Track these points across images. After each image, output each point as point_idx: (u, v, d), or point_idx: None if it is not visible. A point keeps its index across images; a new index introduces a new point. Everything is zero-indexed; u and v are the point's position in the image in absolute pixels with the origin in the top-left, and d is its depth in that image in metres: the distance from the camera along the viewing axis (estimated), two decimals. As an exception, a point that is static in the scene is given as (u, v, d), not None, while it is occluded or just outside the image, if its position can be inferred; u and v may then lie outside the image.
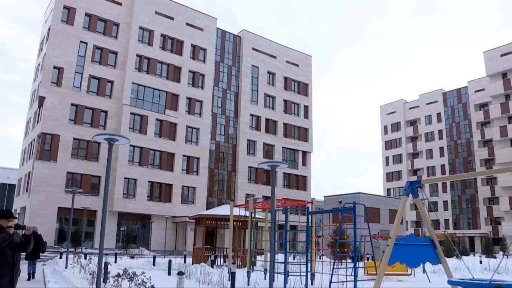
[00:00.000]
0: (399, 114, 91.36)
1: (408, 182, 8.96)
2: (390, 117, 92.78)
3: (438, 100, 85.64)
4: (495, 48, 72.95)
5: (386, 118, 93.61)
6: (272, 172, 9.62)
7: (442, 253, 8.84)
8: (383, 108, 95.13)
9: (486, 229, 73.11)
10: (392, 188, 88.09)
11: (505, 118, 70.96)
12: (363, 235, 18.43)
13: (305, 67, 67.69)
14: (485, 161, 76.56)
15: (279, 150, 61.48)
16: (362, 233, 18.78)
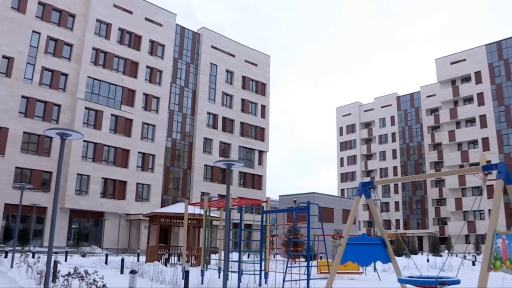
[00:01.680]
0: (355, 116, 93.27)
1: (361, 183, 9.15)
2: (346, 119, 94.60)
3: (392, 104, 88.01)
4: (446, 56, 75.74)
5: (342, 120, 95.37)
6: (228, 170, 9.61)
7: (392, 252, 9.09)
8: (339, 109, 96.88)
9: (433, 229, 75.78)
10: (346, 189, 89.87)
11: (454, 123, 73.83)
12: (317, 234, 18.71)
13: (263, 66, 68.00)
14: (434, 164, 79.32)
15: (235, 149, 61.51)
16: (316, 233, 19.06)
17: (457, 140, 72.36)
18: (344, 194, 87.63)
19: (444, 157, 74.14)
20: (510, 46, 69.07)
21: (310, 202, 12.58)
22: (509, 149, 66.78)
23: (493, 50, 70.63)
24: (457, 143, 72.88)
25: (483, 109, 70.00)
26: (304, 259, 22.22)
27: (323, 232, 12.80)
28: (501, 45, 70.07)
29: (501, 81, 69.07)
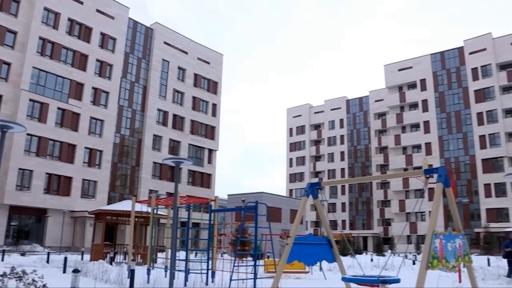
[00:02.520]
0: (305, 117, 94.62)
1: (309, 184, 9.31)
2: (296, 120, 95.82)
3: (341, 107, 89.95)
4: (394, 63, 78.38)
5: (292, 121, 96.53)
6: (176, 168, 9.54)
7: (337, 252, 9.31)
8: (289, 110, 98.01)
9: (378, 229, 78.10)
10: (295, 189, 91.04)
11: (399, 127, 76.49)
12: (264, 233, 18.87)
13: (216, 65, 67.82)
14: (380, 166, 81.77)
15: (185, 146, 61.01)
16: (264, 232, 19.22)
17: (402, 144, 75.02)
18: (293, 194, 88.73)
19: (389, 160, 76.60)
20: (452, 57, 72.37)
21: (258, 202, 12.67)
22: (449, 154, 69.85)
23: (437, 60, 73.78)
24: (402, 147, 75.55)
25: (427, 115, 72.92)
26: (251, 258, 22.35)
27: (270, 231, 12.92)
28: (444, 56, 73.30)
29: (444, 89, 72.25)
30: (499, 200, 63.93)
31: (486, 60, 68.31)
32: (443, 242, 6.97)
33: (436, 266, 6.70)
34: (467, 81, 69.96)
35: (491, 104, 67.02)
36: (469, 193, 66.27)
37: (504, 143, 65.04)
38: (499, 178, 62.14)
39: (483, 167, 66.17)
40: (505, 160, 64.80)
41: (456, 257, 7.26)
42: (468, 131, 68.88)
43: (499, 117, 65.99)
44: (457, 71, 71.64)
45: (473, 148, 67.88)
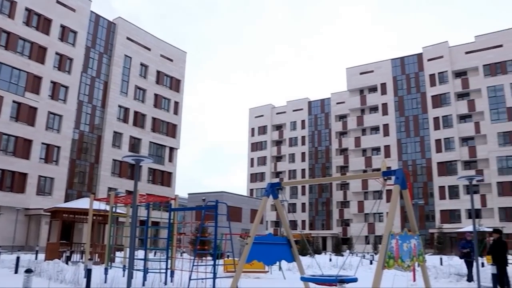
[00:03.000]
0: (267, 118, 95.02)
1: (269, 184, 9.36)
2: (258, 120, 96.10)
3: (303, 108, 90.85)
4: (356, 66, 79.83)
5: (254, 121, 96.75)
6: (136, 166, 9.41)
7: (296, 251, 9.39)
8: (252, 110, 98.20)
9: (337, 230, 79.33)
10: (255, 189, 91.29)
11: (360, 130, 77.98)
12: (224, 233, 18.82)
13: (179, 63, 67.25)
14: (340, 168, 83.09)
15: (146, 144, 60.22)
16: (224, 231, 19.18)
17: (362, 146, 76.51)
18: (253, 194, 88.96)
19: (349, 161, 77.96)
20: (411, 62, 74.46)
21: (218, 201, 12.63)
22: (406, 157, 71.72)
23: (397, 65, 75.70)
24: (362, 149, 77.03)
25: (386, 118, 74.63)
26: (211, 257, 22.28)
27: (230, 231, 12.92)
28: (404, 61, 75.31)
29: (403, 94, 74.16)
30: (452, 202, 66.18)
31: (443, 67, 70.67)
32: (399, 243, 7.15)
33: (392, 265, 6.86)
34: (425, 87, 72.10)
35: (447, 109, 69.33)
36: (425, 195, 68.24)
37: (458, 148, 67.42)
38: (452, 181, 64.29)
39: (438, 170, 68.34)
40: (458, 164, 67.16)
41: (411, 257, 7.46)
42: (425, 135, 70.95)
43: (454, 123, 68.35)
44: (416, 76, 73.69)
45: (429, 152, 69.97)
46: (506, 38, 66.54)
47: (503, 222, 59.35)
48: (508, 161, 63.80)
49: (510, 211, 61.74)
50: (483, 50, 68.18)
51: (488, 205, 63.26)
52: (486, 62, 67.57)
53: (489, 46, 67.74)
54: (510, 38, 66.27)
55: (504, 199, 62.30)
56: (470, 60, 69.14)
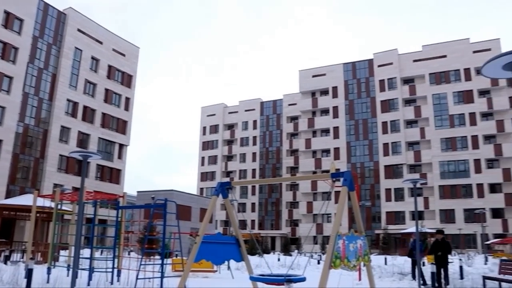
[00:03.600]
0: (219, 117, 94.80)
1: (219, 183, 9.34)
2: (210, 119, 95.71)
3: (256, 109, 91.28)
4: (309, 69, 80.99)
5: (206, 120, 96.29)
6: (84, 162, 9.16)
7: (245, 251, 9.42)
8: (204, 109, 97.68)
9: (286, 230, 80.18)
10: (206, 188, 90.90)
11: (310, 132, 79.15)
12: (173, 232, 18.64)
13: (131, 58, 65.95)
14: (290, 169, 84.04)
15: (94, 140, 58.68)
16: (172, 230, 19.00)
17: (312, 148, 77.69)
18: (203, 193, 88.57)
19: (299, 162, 78.98)
20: (362, 67, 76.42)
21: (168, 199, 12.51)
22: (355, 159, 73.48)
23: (349, 69, 77.48)
24: (312, 150, 78.22)
25: (336, 121, 76.18)
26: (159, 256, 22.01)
27: (179, 230, 12.81)
28: (355, 66, 77.16)
29: (353, 98, 75.97)
30: (397, 204, 68.42)
31: (392, 73, 73.05)
32: (346, 243, 7.31)
33: (338, 265, 7.01)
34: (375, 92, 74.18)
35: (395, 114, 71.66)
36: (372, 196, 70.19)
37: (404, 152, 69.82)
38: (398, 184, 66.47)
39: (385, 173, 70.48)
40: (404, 167, 69.52)
41: (357, 257, 7.64)
42: (373, 139, 72.95)
43: (401, 127, 70.74)
44: (366, 81, 75.66)
45: (377, 155, 71.99)
46: (450, 49, 69.80)
47: (443, 224, 61.90)
48: (449, 165, 66.67)
49: (450, 213, 64.58)
50: (429, 59, 71.14)
51: (431, 207, 65.88)
52: (432, 70, 70.61)
53: (435, 56, 70.81)
54: (453, 50, 69.53)
55: (445, 202, 65.09)
56: (417, 68, 71.92)
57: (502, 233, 60.20)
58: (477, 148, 65.92)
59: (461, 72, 69.15)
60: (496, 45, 67.14)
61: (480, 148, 65.78)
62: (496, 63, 5.39)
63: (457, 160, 66.45)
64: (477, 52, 67.60)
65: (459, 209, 64.20)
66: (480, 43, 68.59)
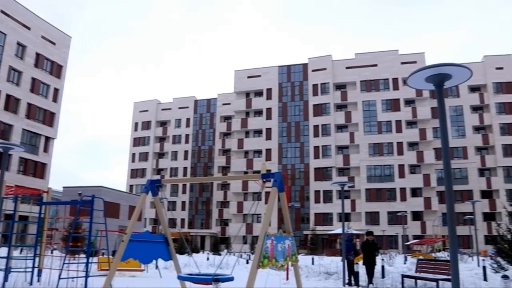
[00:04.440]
0: (152, 113, 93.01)
1: (149, 181, 9.20)
2: (143, 115, 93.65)
3: (189, 106, 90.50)
4: (244, 70, 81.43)
5: (139, 115, 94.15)
6: (4, 154, 8.70)
7: (173, 250, 9.32)
8: (136, 104, 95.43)
9: (216, 229, 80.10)
10: (135, 185, 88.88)
11: (243, 132, 79.60)
12: (100, 229, 18.10)
13: (62, 47, 63.15)
14: (222, 168, 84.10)
15: (18, 131, 55.61)
16: (99, 228, 18.47)
17: (244, 148, 78.15)
18: (133, 190, 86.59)
19: (231, 162, 79.16)
20: (297, 71, 78.03)
21: (95, 196, 12.13)
22: (286, 161, 74.78)
23: (284, 72, 78.77)
24: (245, 151, 78.68)
25: (269, 123, 77.14)
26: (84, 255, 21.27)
27: (106, 227, 12.47)
28: (290, 69, 78.58)
29: (287, 100, 77.33)
30: (326, 206, 70.39)
31: (325, 78, 75.16)
32: (274, 243, 7.43)
33: (266, 265, 7.11)
34: (308, 95, 75.92)
35: (326, 118, 73.75)
36: (302, 198, 71.72)
37: (334, 155, 72.00)
38: (327, 186, 68.38)
39: (315, 175, 72.26)
40: (333, 170, 71.67)
41: (285, 257, 7.78)
42: (305, 141, 74.58)
43: (332, 131, 72.91)
44: (300, 85, 77.25)
45: (308, 157, 73.68)
46: (381, 59, 73.13)
47: (369, 225, 64.46)
48: (375, 170, 69.58)
49: (375, 215, 67.42)
50: (361, 67, 74.01)
51: (357, 210, 68.42)
52: (363, 78, 73.54)
53: (366, 64, 73.84)
54: (384, 59, 72.90)
55: (370, 204, 67.85)
56: (349, 75, 74.54)
57: (421, 235, 63.74)
58: (402, 154, 69.34)
59: (389, 81, 72.58)
60: (421, 58, 71.13)
61: (404, 154, 69.24)
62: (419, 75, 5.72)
63: (383, 165, 69.49)
64: (404, 63, 71.18)
65: (383, 211, 67.15)
66: (407, 55, 72.38)
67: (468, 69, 5.56)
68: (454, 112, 72.93)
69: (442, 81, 5.75)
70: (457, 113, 73.08)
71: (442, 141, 5.83)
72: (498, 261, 17.55)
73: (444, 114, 5.91)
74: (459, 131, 72.38)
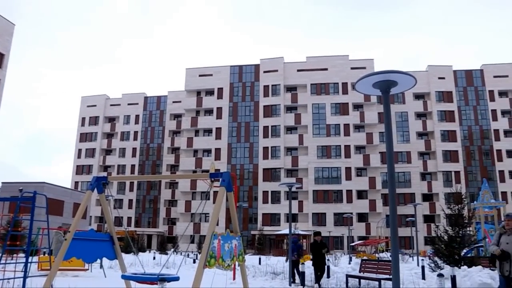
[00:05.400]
0: (100, 108, 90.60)
1: (95, 177, 9.01)
2: (90, 109, 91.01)
3: (139, 103, 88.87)
4: (196, 68, 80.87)
5: (86, 110, 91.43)
6: None
7: (119, 249, 9.17)
8: (84, 99, 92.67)
9: (163, 228, 79.11)
10: (81, 182, 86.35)
11: (193, 131, 79.05)
12: (41, 227, 17.49)
13: (5, 34, 60.23)
14: (171, 166, 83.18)
15: (-45, 124, 52.85)
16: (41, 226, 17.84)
17: (194, 147, 77.62)
18: (78, 187, 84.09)
19: (180, 161, 78.36)
20: (249, 72, 78.38)
21: (37, 192, 11.72)
22: (236, 161, 74.89)
23: (235, 72, 78.87)
24: (194, 149, 78.15)
25: (220, 122, 77.01)
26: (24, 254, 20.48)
27: (48, 225, 12.06)
28: (242, 69, 78.81)
29: (238, 100, 77.49)
30: (274, 206, 71.02)
31: (276, 80, 75.95)
32: (221, 243, 7.45)
33: (213, 265, 7.12)
34: (259, 96, 76.39)
35: (276, 120, 74.50)
36: (250, 198, 72.03)
37: (283, 156, 72.80)
38: (275, 187, 69.00)
39: (263, 175, 72.78)
40: (282, 171, 72.47)
41: (232, 256, 7.82)
42: (254, 142, 74.96)
43: (281, 133, 73.72)
44: (251, 85, 77.58)
45: (257, 158, 74.09)
46: (331, 63, 74.86)
47: (315, 226, 65.63)
48: (323, 172, 70.94)
49: (322, 217, 68.72)
50: (312, 70, 75.32)
51: (304, 211, 69.45)
52: (314, 81, 74.93)
53: (317, 68, 75.28)
54: (334, 64, 74.64)
55: (317, 206, 69.07)
56: (300, 78, 75.66)
57: (365, 236, 65.57)
58: (349, 157, 71.04)
59: (339, 86, 74.26)
60: (370, 64, 73.31)
61: (351, 157, 70.97)
62: (367, 80, 5.90)
63: (331, 167, 70.91)
64: (354, 68, 73.09)
65: (330, 213, 68.52)
66: (357, 61, 74.45)
67: (413, 77, 5.78)
68: (399, 118, 75.66)
69: (389, 87, 5.95)
70: (402, 119, 75.84)
71: (387, 145, 6.02)
72: (436, 261, 18.40)
73: (390, 120, 6.11)
74: (404, 136, 75.09)
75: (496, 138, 73.36)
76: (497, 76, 75.43)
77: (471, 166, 73.17)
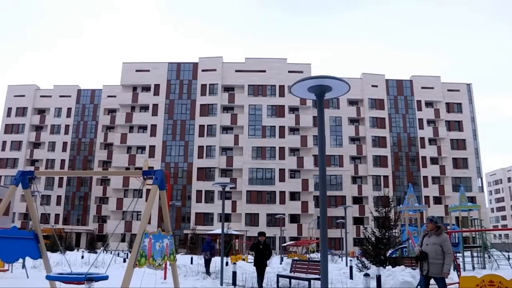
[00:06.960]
0: (29, 99, 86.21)
1: (20, 172, 8.63)
2: (18, 100, 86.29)
3: (72, 96, 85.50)
4: (133, 63, 79.12)
5: (13, 100, 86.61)
6: None
7: (44, 247, 8.81)
8: (11, 88, 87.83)
9: (93, 226, 76.65)
10: (4, 176, 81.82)
11: (127, 127, 77.24)
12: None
13: None
14: (103, 163, 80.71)
15: None
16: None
17: (128, 143, 75.81)
18: (2, 181, 79.68)
19: (113, 157, 76.27)
20: (187, 69, 77.83)
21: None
22: (170, 159, 74.03)
23: (173, 69, 78.00)
24: (128, 146, 76.34)
25: (155, 119, 75.81)
26: None
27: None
28: (180, 67, 78.06)
29: (175, 98, 76.67)
30: (207, 206, 70.85)
31: (214, 79, 75.96)
32: (152, 242, 7.36)
33: (143, 264, 7.02)
34: (196, 95, 75.95)
35: (213, 119, 74.41)
36: (183, 197, 71.40)
37: (218, 156, 72.81)
38: (209, 186, 68.85)
39: (197, 174, 72.45)
40: (216, 171, 72.44)
41: (163, 256, 7.75)
42: (190, 140, 74.42)
43: (217, 132, 73.72)
44: (189, 83, 76.98)
45: (192, 156, 73.60)
46: (269, 65, 75.90)
47: (248, 226, 66.17)
48: (257, 172, 71.65)
49: (255, 217, 69.33)
50: (250, 71, 76.00)
51: (238, 211, 69.78)
52: (251, 82, 75.60)
53: (255, 69, 76.07)
54: (272, 66, 75.78)
55: (251, 206, 69.64)
56: (238, 78, 76.07)
57: (297, 236, 66.89)
58: (283, 159, 72.21)
59: (276, 88, 75.35)
60: (307, 69, 74.99)
61: (285, 159, 72.18)
62: (303, 84, 6.05)
63: (265, 168, 71.74)
64: (292, 72, 74.48)
65: (263, 213, 69.28)
66: (295, 65, 75.99)
67: (346, 83, 5.99)
68: (334, 122, 77.87)
69: (323, 92, 6.12)
70: (336, 123, 78.11)
71: (320, 148, 6.20)
72: (363, 261, 19.17)
73: (323, 123, 6.30)
74: (337, 140, 77.34)
75: (422, 145, 77.45)
76: (424, 87, 79.76)
77: (399, 171, 76.71)
